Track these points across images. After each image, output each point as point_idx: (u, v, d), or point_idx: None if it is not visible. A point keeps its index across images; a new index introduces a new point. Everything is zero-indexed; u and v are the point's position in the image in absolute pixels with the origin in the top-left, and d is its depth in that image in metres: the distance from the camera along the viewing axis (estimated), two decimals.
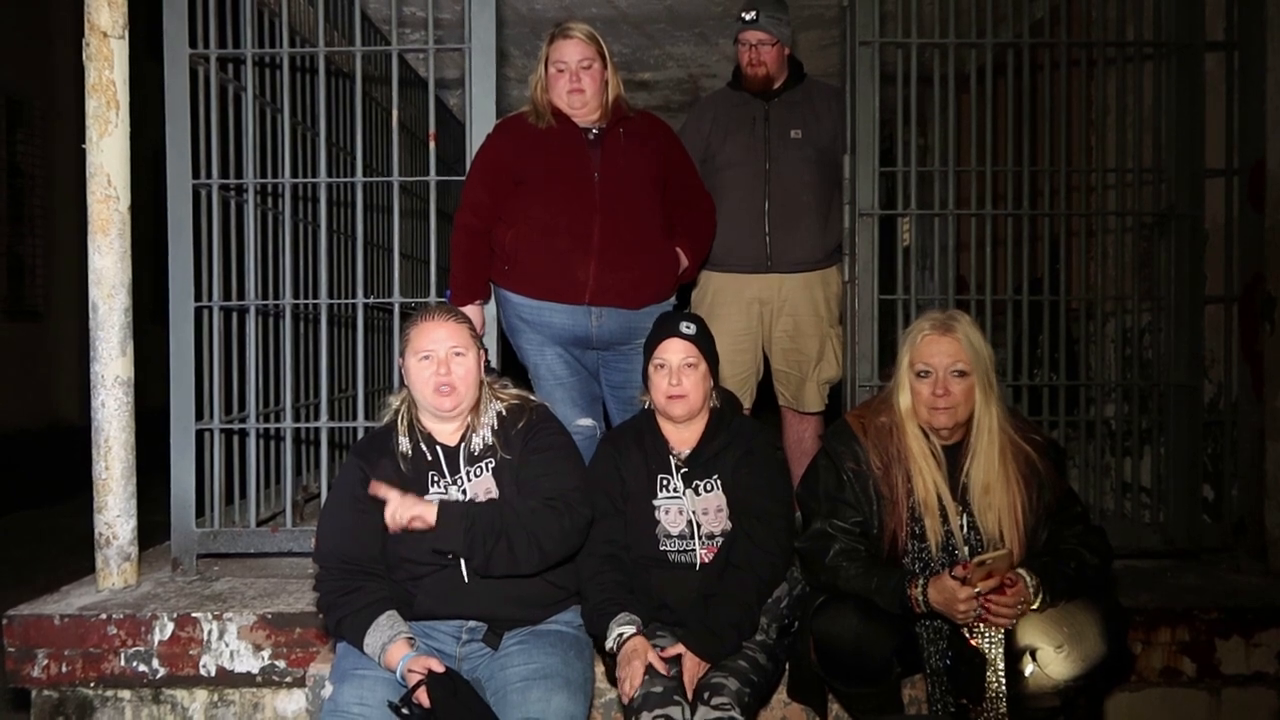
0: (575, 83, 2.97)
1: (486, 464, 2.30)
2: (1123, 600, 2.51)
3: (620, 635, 2.24)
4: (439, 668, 2.08)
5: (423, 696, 2.05)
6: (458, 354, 2.27)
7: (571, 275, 2.96)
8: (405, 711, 2.06)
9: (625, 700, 2.17)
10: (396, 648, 2.14)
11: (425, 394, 2.27)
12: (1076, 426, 3.35)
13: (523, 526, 2.19)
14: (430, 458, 2.31)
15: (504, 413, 2.36)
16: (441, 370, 2.25)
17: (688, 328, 2.43)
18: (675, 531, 2.41)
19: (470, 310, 2.95)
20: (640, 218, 3.01)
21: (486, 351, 2.45)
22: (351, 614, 2.19)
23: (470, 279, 3.03)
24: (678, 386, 2.40)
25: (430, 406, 2.29)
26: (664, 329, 2.47)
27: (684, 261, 3.15)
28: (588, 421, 3.12)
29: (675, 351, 2.42)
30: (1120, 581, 2.89)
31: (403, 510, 2.14)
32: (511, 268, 3.01)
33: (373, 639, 2.16)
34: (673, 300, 3.17)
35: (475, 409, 2.34)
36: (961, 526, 2.28)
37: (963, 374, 2.26)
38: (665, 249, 3.10)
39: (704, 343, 2.44)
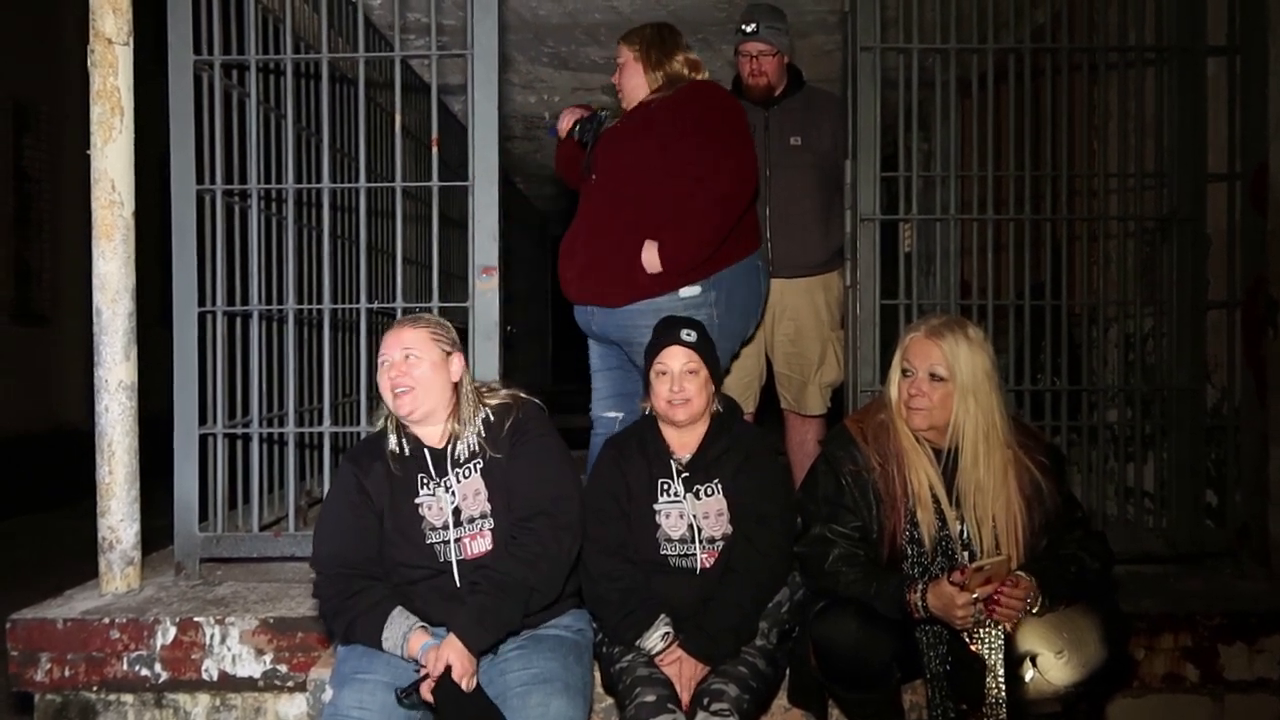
0: (617, 80, 3.17)
1: (475, 465, 2.31)
2: (1125, 605, 2.50)
3: (668, 634, 2.30)
4: (455, 668, 2.10)
5: (425, 690, 2.08)
6: (412, 357, 2.28)
7: (565, 274, 3.12)
8: (407, 701, 2.09)
9: (686, 706, 2.21)
10: (416, 637, 2.16)
11: (387, 399, 2.30)
12: (1079, 431, 3.34)
13: (519, 598, 2.20)
14: (418, 460, 2.32)
15: (491, 415, 2.36)
16: (394, 373, 2.28)
17: (688, 334, 2.44)
18: (676, 536, 2.42)
19: None
20: (620, 215, 2.97)
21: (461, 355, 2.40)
22: (362, 615, 2.21)
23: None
24: (680, 392, 2.42)
25: (393, 410, 2.31)
26: (665, 336, 2.48)
27: (651, 259, 2.91)
28: (612, 414, 3.21)
29: (677, 358, 2.43)
30: (1123, 587, 2.88)
31: (435, 665, 2.11)
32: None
33: (391, 633, 2.17)
34: (681, 294, 2.94)
35: (455, 414, 2.33)
36: (962, 533, 2.29)
37: (941, 379, 2.28)
38: (639, 246, 2.94)
39: (705, 349, 2.46)
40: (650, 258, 2.92)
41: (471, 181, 3.13)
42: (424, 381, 2.27)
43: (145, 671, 2.76)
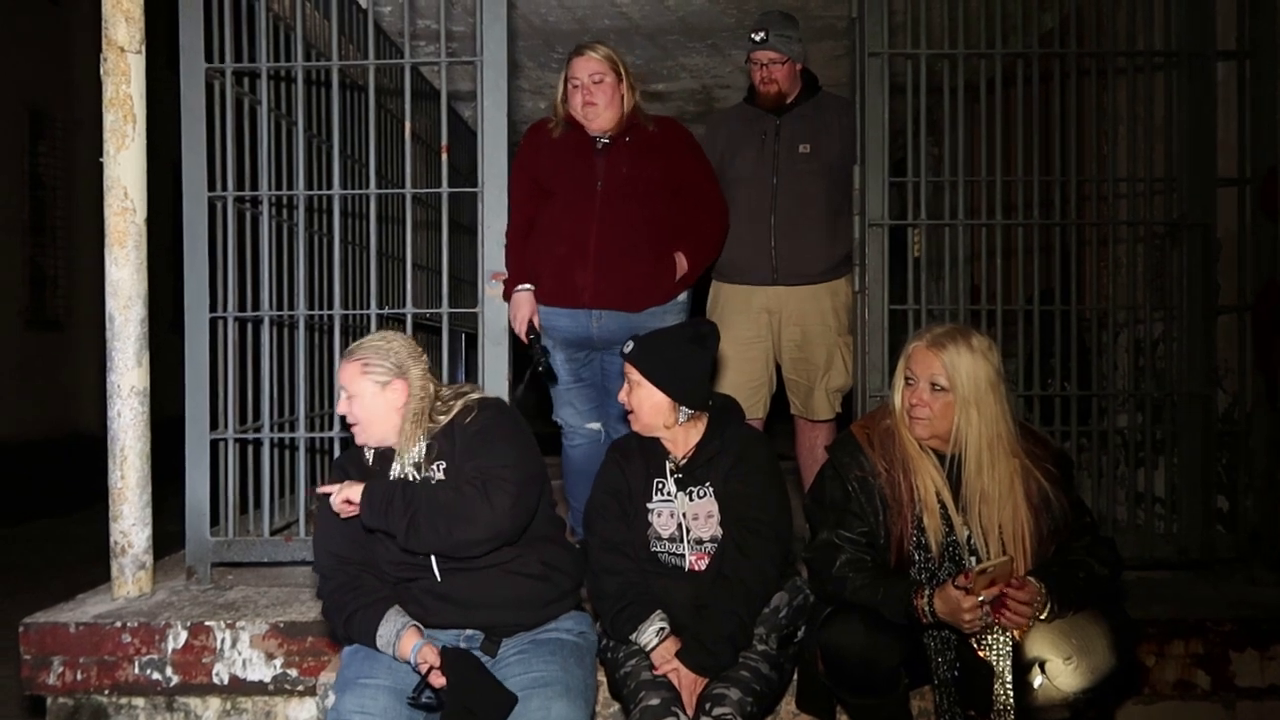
0: (588, 95, 3.16)
1: (439, 465, 2.32)
2: (1135, 612, 2.49)
3: (661, 629, 2.31)
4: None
5: (435, 678, 2.11)
6: (349, 395, 2.32)
7: (570, 280, 3.15)
8: (424, 701, 2.12)
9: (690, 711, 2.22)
10: (408, 636, 2.19)
11: None
12: (1089, 436, 3.33)
13: (433, 504, 2.21)
14: (392, 464, 2.35)
15: (455, 418, 2.35)
16: (343, 409, 2.34)
17: (626, 348, 2.45)
18: (665, 534, 2.44)
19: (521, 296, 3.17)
20: (639, 224, 3.17)
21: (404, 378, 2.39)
22: (361, 609, 2.24)
23: (519, 264, 3.19)
24: (626, 403, 2.46)
25: None
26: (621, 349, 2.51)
27: (682, 265, 3.26)
28: (594, 426, 3.30)
29: (625, 371, 2.47)
30: (1133, 593, 2.87)
31: (337, 497, 2.24)
32: (534, 277, 3.20)
33: (385, 630, 2.21)
34: (680, 299, 3.29)
35: (415, 425, 2.33)
36: (969, 539, 2.28)
37: (942, 389, 2.27)
38: (665, 254, 3.23)
39: (645, 363, 2.42)
40: (684, 265, 3.24)
41: (481, 187, 3.16)
42: (365, 417, 2.32)
43: (156, 675, 2.78)
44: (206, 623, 2.79)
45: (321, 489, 2.33)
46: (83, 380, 8.54)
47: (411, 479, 2.30)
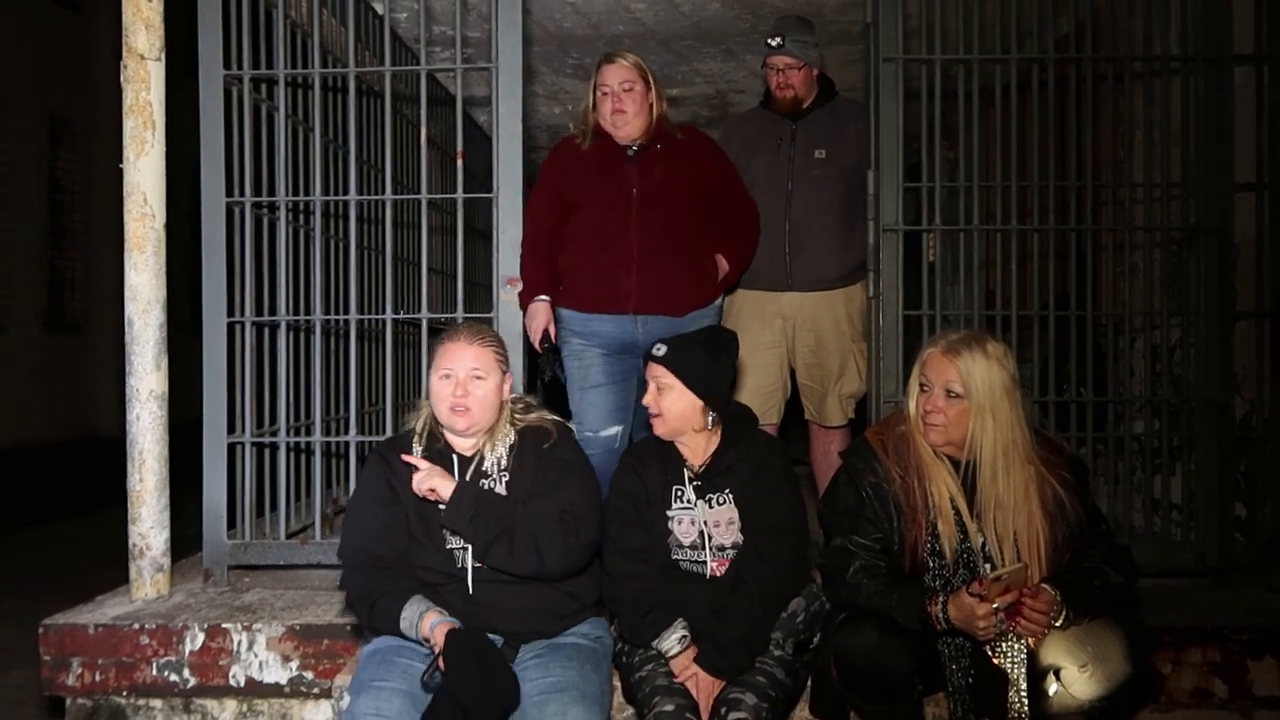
0: (617, 103, 3.16)
1: (501, 478, 2.34)
2: (1152, 619, 2.49)
3: (684, 637, 2.31)
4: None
5: (443, 663, 2.12)
6: (478, 377, 2.30)
7: (615, 287, 3.15)
8: (434, 682, 2.12)
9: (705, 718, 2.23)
10: (430, 616, 2.20)
11: (442, 411, 2.33)
12: (1105, 443, 3.31)
13: (528, 530, 2.23)
14: (444, 465, 2.34)
15: (525, 432, 2.38)
16: (459, 391, 2.29)
17: (657, 350, 2.44)
18: (687, 542, 2.44)
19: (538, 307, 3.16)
20: (678, 229, 3.18)
21: (510, 375, 2.46)
22: (384, 596, 2.25)
23: (535, 275, 3.19)
24: (653, 406, 2.44)
25: (446, 424, 2.35)
26: (647, 352, 2.51)
27: (724, 267, 3.31)
28: (613, 430, 3.26)
29: (650, 374, 2.46)
30: (1150, 600, 2.86)
31: (425, 479, 2.24)
32: (565, 286, 3.21)
33: (409, 612, 2.21)
34: (716, 302, 3.33)
35: (494, 428, 2.37)
36: (984, 545, 2.28)
37: (957, 396, 2.27)
38: (704, 257, 3.27)
39: (679, 365, 2.41)
40: (725, 266, 3.31)
41: (496, 193, 3.18)
42: (482, 402, 2.31)
43: (174, 677, 2.80)
44: (223, 625, 2.81)
45: (407, 458, 2.30)
46: (100, 383, 8.61)
47: (499, 461, 2.33)
